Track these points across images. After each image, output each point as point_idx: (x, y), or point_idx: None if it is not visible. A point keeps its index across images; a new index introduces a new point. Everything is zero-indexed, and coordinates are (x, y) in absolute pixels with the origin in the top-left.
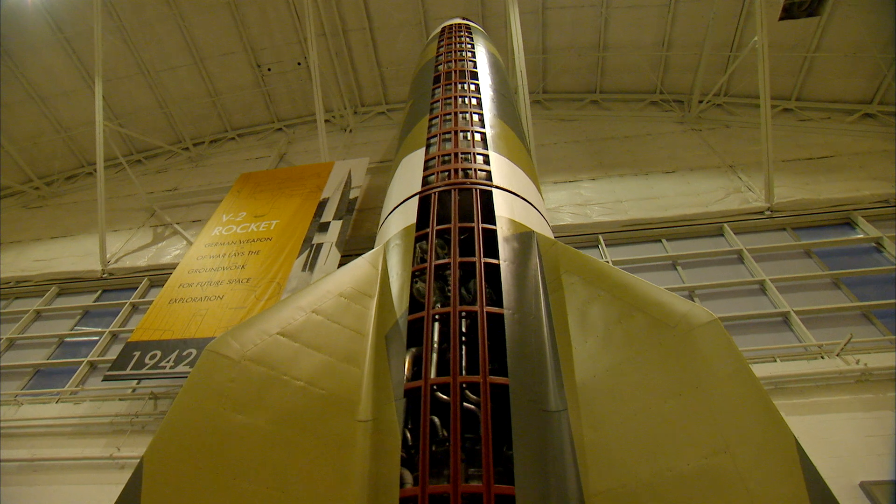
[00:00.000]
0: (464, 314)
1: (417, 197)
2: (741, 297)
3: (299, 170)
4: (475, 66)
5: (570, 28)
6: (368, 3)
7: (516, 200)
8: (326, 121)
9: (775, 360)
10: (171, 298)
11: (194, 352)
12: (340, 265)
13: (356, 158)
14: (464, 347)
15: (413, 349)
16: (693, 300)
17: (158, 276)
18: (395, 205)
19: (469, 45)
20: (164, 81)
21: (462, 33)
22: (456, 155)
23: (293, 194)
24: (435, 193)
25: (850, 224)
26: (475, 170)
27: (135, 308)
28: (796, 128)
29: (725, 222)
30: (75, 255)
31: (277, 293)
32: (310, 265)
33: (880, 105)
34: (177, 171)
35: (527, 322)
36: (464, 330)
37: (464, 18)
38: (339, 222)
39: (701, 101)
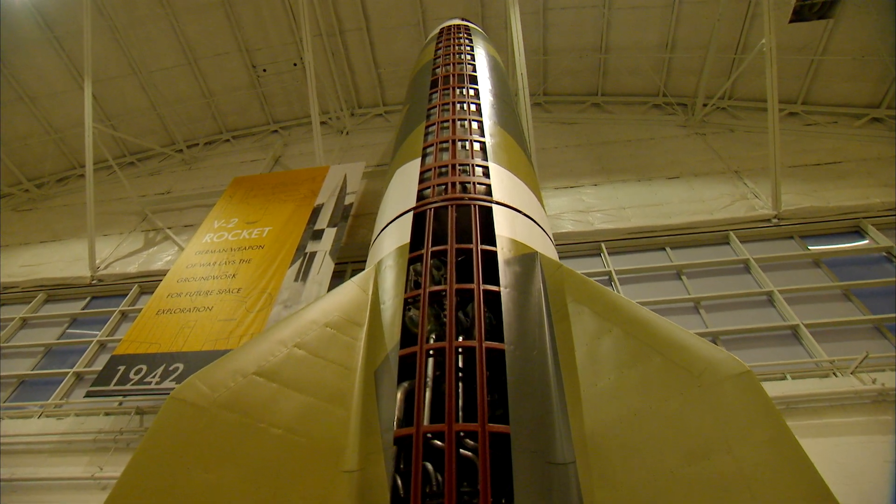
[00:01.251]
0: (461, 350)
1: (412, 213)
2: (748, 308)
3: (293, 174)
4: (474, 70)
5: (571, 29)
6: (366, 2)
7: (518, 217)
8: (323, 123)
9: (785, 378)
10: (159, 309)
11: (181, 367)
12: (334, 274)
13: (352, 163)
14: (461, 384)
15: (406, 383)
16: (699, 312)
17: (149, 283)
18: (389, 221)
19: (468, 48)
20: (156, 82)
21: (461, 35)
22: (453, 167)
23: (287, 200)
24: (430, 210)
25: (859, 232)
26: (474, 183)
27: (124, 316)
28: (802, 132)
29: (731, 230)
30: (64, 260)
31: (269, 304)
32: (302, 275)
33: (888, 109)
34: (170, 174)
35: (530, 358)
36: (461, 365)
37: (463, 19)
38: (334, 230)
39: (705, 105)
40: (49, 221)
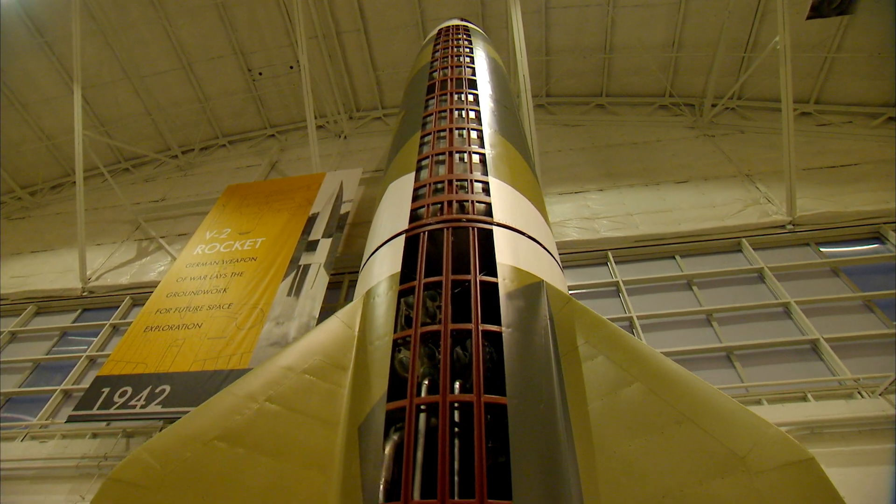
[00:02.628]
0: (457, 405)
1: (404, 236)
2: (763, 320)
3: (288, 181)
4: (474, 74)
5: (574, 28)
6: (363, 3)
7: (521, 240)
8: (320, 127)
9: (806, 398)
10: (147, 326)
11: (168, 389)
12: (330, 286)
13: (348, 169)
14: (457, 441)
15: (395, 436)
16: (711, 325)
17: (141, 294)
18: (379, 244)
19: (467, 50)
20: (150, 87)
21: (460, 36)
22: (450, 182)
23: (281, 209)
24: (424, 233)
25: (879, 238)
26: (472, 202)
27: (115, 330)
28: (816, 133)
29: (744, 237)
30: (55, 271)
31: (260, 321)
32: (296, 289)
33: None
34: (165, 180)
35: (536, 413)
36: (458, 419)
37: (462, 19)
38: (329, 240)
39: (714, 105)
40: (41, 230)
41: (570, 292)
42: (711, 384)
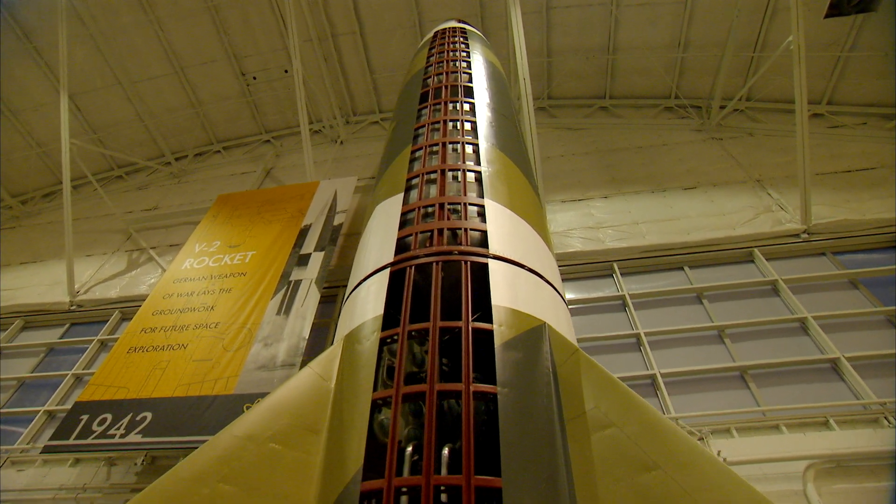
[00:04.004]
0: (444, 488)
1: (388, 271)
2: (779, 337)
3: (281, 191)
4: (470, 80)
5: (576, 29)
6: (358, 5)
7: (520, 274)
8: (316, 132)
9: (828, 423)
10: (131, 347)
11: (149, 416)
12: (323, 300)
13: (343, 178)
14: None
15: None
16: (723, 341)
17: (130, 308)
18: (363, 277)
19: (464, 54)
20: (142, 92)
21: (457, 39)
22: (441, 206)
23: (273, 220)
24: (411, 268)
25: None
26: (466, 230)
27: (103, 346)
28: (829, 136)
29: (756, 247)
30: (44, 283)
31: (248, 342)
32: (285, 307)
33: None
34: (158, 188)
35: (536, 497)
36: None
37: (460, 21)
38: (321, 254)
39: (723, 107)
40: (31, 241)
41: (574, 307)
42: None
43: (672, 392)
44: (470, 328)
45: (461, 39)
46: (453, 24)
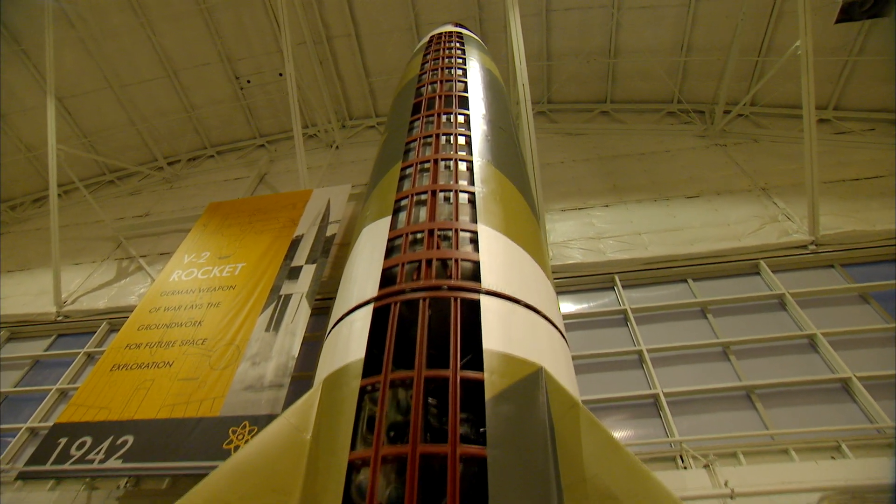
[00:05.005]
0: None
1: (372, 307)
2: (787, 354)
3: (273, 199)
4: (466, 90)
5: (577, 31)
6: (353, 7)
7: (516, 312)
8: (312, 136)
9: (840, 449)
10: (114, 364)
11: (131, 440)
12: (316, 313)
13: (337, 186)
14: None
15: None
16: (728, 359)
17: (119, 319)
18: (345, 312)
19: (460, 61)
20: (134, 96)
21: (452, 44)
22: (431, 233)
23: (264, 230)
24: (395, 305)
25: None
26: (457, 261)
27: (90, 358)
28: (835, 142)
29: (762, 259)
30: (30, 293)
31: (235, 359)
32: (275, 323)
33: None
34: (150, 193)
35: None
36: None
37: (456, 25)
38: (313, 266)
39: (727, 112)
40: (19, 248)
41: (573, 321)
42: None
43: (676, 413)
44: (458, 379)
45: (457, 45)
46: (449, 28)
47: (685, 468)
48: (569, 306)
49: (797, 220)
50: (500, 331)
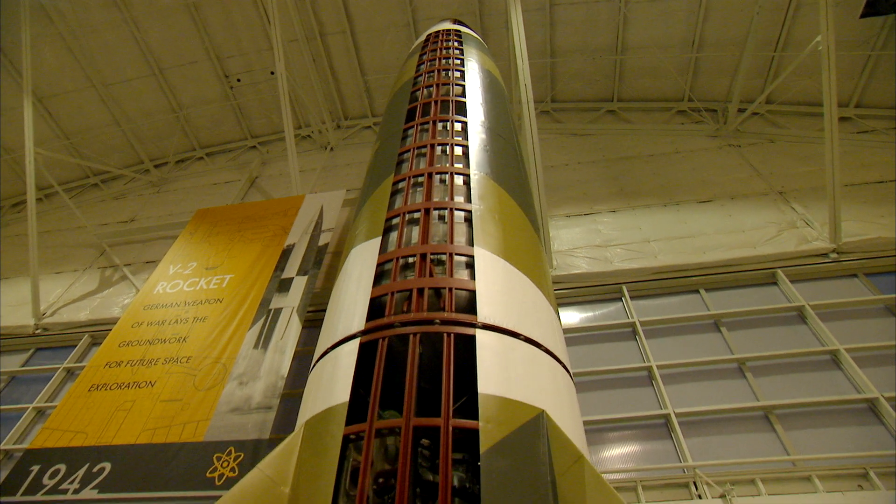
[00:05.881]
0: None
1: (358, 343)
2: (808, 371)
3: (263, 206)
4: (463, 94)
5: (582, 27)
6: (348, 2)
7: (515, 348)
8: (305, 137)
9: (867, 476)
10: (93, 384)
11: (108, 467)
12: (308, 324)
13: (330, 192)
14: None
15: None
16: (744, 376)
17: (101, 332)
18: (330, 345)
19: (458, 62)
20: (117, 95)
21: (450, 43)
22: (424, 257)
23: (253, 238)
24: (383, 341)
25: None
26: (451, 290)
27: (70, 374)
28: (857, 142)
29: (779, 268)
30: (7, 304)
31: (222, 379)
32: (264, 340)
33: None
34: (136, 198)
35: None
36: None
37: (455, 21)
38: (304, 278)
39: (742, 110)
40: None
41: (578, 334)
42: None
43: (688, 434)
44: (450, 429)
45: (455, 45)
46: (447, 25)
47: (699, 496)
48: (573, 319)
49: (817, 227)
50: (497, 371)
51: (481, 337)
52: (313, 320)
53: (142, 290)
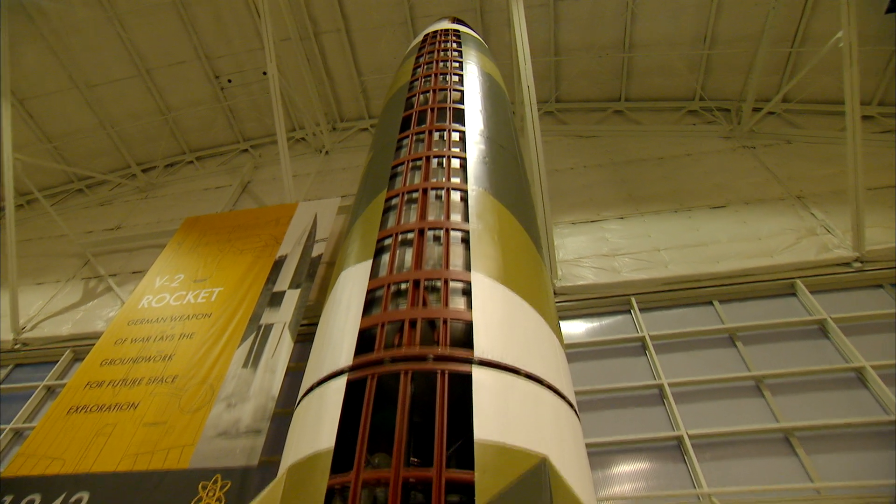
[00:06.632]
0: None
1: (345, 380)
2: (831, 390)
3: (254, 214)
4: (462, 100)
5: (588, 23)
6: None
7: (515, 386)
8: (300, 140)
9: None
10: (72, 406)
11: (86, 497)
12: (301, 339)
13: (324, 199)
14: None
15: None
16: (762, 394)
17: (84, 347)
18: (315, 381)
19: (456, 65)
20: (102, 97)
21: (448, 46)
22: (417, 284)
23: (244, 249)
24: (372, 379)
25: None
26: (446, 322)
27: (50, 392)
28: (881, 142)
29: (799, 278)
30: None
31: (209, 400)
32: (254, 358)
33: None
34: (123, 204)
35: None
36: None
37: (454, 20)
38: (297, 292)
39: (757, 110)
40: None
41: (582, 350)
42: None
43: (703, 458)
44: (443, 482)
45: (454, 46)
46: (446, 25)
47: None
48: (579, 332)
49: (839, 234)
50: (495, 414)
51: (478, 375)
52: (306, 334)
53: (126, 305)
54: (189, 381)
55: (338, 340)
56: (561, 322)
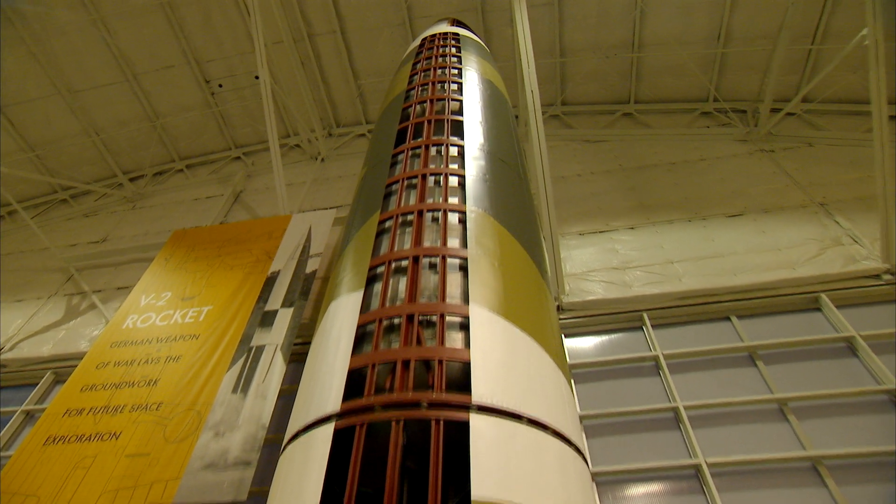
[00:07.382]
0: None
1: (332, 427)
2: (862, 414)
3: (247, 227)
4: (460, 111)
5: (595, 22)
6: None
7: (516, 435)
8: (294, 147)
9: None
10: (49, 436)
11: None
12: (294, 358)
13: (319, 211)
14: None
15: None
16: (787, 419)
17: (66, 369)
18: (301, 427)
19: (455, 72)
20: (87, 103)
21: (447, 51)
22: (410, 319)
23: (234, 265)
24: (361, 428)
25: None
26: (441, 363)
27: (29, 417)
28: None
29: (823, 292)
30: None
31: (196, 429)
32: (244, 383)
33: None
34: (109, 215)
35: None
36: None
37: (453, 22)
38: (290, 311)
39: (775, 111)
40: None
41: (591, 370)
42: None
43: (723, 489)
44: None
45: (452, 51)
46: (445, 27)
47: None
48: (587, 351)
49: (866, 244)
50: (494, 469)
51: (476, 423)
52: (300, 353)
53: (109, 325)
54: (175, 408)
55: (326, 380)
56: (568, 339)
